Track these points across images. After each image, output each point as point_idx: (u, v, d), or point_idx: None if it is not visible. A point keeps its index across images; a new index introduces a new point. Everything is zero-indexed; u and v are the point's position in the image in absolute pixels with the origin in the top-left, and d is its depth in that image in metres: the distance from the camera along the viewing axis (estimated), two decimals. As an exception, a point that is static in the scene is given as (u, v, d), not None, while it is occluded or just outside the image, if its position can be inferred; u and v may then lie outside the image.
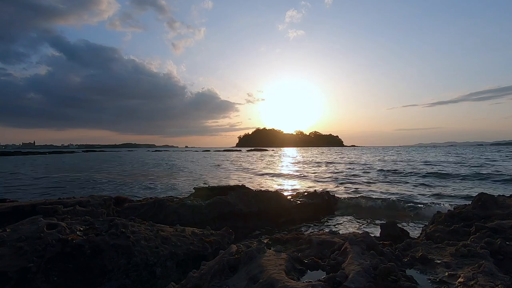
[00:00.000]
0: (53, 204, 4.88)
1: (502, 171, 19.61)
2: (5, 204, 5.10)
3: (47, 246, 2.96)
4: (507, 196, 4.70)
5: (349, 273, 2.08)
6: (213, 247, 3.85)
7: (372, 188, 14.11)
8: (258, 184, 16.47)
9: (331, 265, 2.44)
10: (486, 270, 2.11)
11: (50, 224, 3.34)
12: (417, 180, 16.85)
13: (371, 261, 2.31)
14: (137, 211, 6.34)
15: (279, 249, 2.74)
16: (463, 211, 4.26)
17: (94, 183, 16.58)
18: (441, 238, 3.65)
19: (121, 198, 7.00)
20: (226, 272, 2.35)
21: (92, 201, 5.60)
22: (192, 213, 6.59)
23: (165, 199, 6.98)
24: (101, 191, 13.47)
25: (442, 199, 10.87)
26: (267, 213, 7.62)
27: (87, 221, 3.75)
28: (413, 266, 2.48)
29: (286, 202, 8.27)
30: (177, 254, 3.51)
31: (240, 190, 7.77)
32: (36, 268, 2.76)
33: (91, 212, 4.81)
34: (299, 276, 2.32)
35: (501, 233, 3.13)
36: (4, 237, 2.99)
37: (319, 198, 9.03)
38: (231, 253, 2.61)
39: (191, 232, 4.03)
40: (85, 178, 19.43)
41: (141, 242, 3.38)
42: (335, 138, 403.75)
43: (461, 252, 2.57)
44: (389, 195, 11.70)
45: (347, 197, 10.74)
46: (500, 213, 3.92)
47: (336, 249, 2.89)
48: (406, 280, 2.08)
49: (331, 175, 20.32)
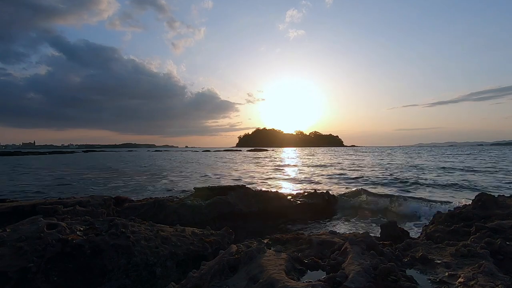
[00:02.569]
0: (53, 204, 4.89)
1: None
2: (5, 204, 5.10)
3: (47, 246, 2.96)
4: (507, 196, 4.70)
5: (349, 273, 2.08)
6: (213, 247, 3.84)
7: (373, 188, 14.10)
8: (257, 184, 16.47)
9: (331, 265, 2.44)
10: (486, 270, 2.11)
11: (50, 224, 3.34)
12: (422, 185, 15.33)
13: (371, 261, 2.31)
14: (137, 211, 6.34)
15: (279, 249, 2.74)
16: (463, 211, 4.26)
17: (94, 183, 16.58)
18: (441, 238, 3.65)
19: (121, 198, 7.01)
20: (226, 272, 2.35)
21: (92, 201, 5.60)
22: (192, 213, 6.59)
23: (165, 199, 6.98)
24: (101, 191, 13.47)
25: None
26: (267, 213, 7.62)
27: (87, 221, 3.75)
28: (413, 266, 2.48)
29: (286, 202, 8.26)
30: (177, 254, 3.51)
31: (240, 190, 7.77)
32: (36, 268, 2.76)
33: (91, 212, 4.81)
34: (299, 276, 2.32)
35: (501, 233, 3.13)
36: (4, 237, 2.99)
37: (319, 198, 9.03)
38: (231, 253, 2.61)
39: (191, 232, 4.03)
40: (85, 178, 19.43)
41: (141, 242, 3.38)
42: (335, 138, 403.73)
43: (461, 252, 2.57)
44: (389, 196, 11.69)
45: (347, 197, 10.73)
46: (500, 213, 3.92)
47: (336, 249, 2.89)
48: (406, 280, 2.07)
49: (331, 176, 20.32)
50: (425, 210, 8.61)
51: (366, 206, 9.71)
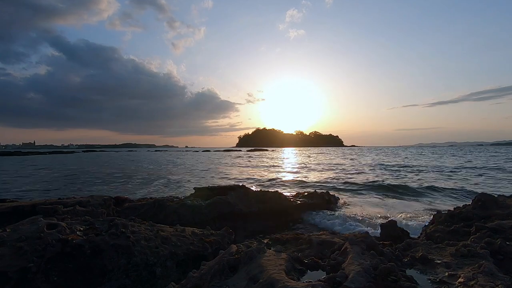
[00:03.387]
0: (53, 204, 4.89)
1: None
2: (5, 204, 5.10)
3: (47, 246, 2.96)
4: (507, 196, 4.70)
5: (349, 273, 2.08)
6: (213, 247, 3.84)
7: (373, 188, 14.09)
8: (257, 184, 16.46)
9: (331, 265, 2.44)
10: (486, 270, 2.11)
11: (50, 224, 3.34)
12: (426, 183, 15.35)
13: (371, 261, 2.31)
14: (137, 211, 6.34)
15: (279, 249, 2.74)
16: (463, 211, 4.26)
17: (94, 183, 16.58)
18: (441, 238, 3.65)
19: (121, 198, 7.00)
20: (226, 272, 2.35)
21: (92, 201, 5.60)
22: (192, 213, 6.59)
23: (165, 199, 6.98)
24: (101, 191, 13.47)
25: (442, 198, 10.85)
26: (267, 213, 7.62)
27: (87, 221, 3.75)
28: (413, 266, 2.48)
29: (286, 202, 8.26)
30: (177, 254, 3.51)
31: (240, 190, 7.77)
32: (36, 268, 2.76)
33: (91, 212, 4.81)
34: (299, 276, 2.32)
35: (501, 233, 3.13)
36: (4, 237, 2.99)
37: (319, 198, 9.03)
38: (231, 253, 2.61)
39: (191, 232, 4.03)
40: (85, 178, 19.43)
41: (141, 242, 3.38)
42: (335, 138, 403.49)
43: (461, 252, 2.57)
44: (389, 196, 11.70)
45: (347, 197, 10.73)
46: (500, 213, 3.92)
47: (336, 249, 2.89)
48: (406, 280, 2.07)
49: (331, 176, 20.31)
50: (426, 210, 8.60)
51: (366, 206, 9.70)
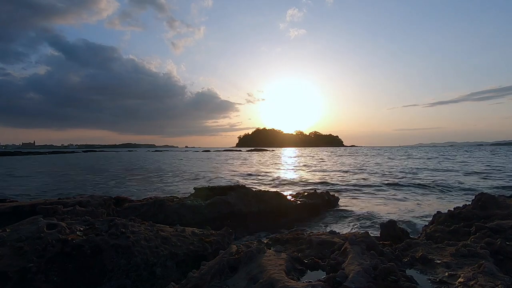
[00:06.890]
0: (53, 204, 4.88)
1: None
2: (5, 204, 5.10)
3: (47, 246, 2.96)
4: (507, 196, 4.70)
5: (349, 273, 2.08)
6: (213, 247, 3.84)
7: (373, 188, 14.09)
8: (257, 184, 16.46)
9: (331, 265, 2.44)
10: (486, 270, 2.11)
11: (50, 224, 3.34)
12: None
13: (371, 261, 2.31)
14: (137, 211, 6.34)
15: (279, 249, 2.74)
16: (463, 211, 4.26)
17: (94, 183, 16.58)
18: (441, 238, 3.66)
19: (121, 198, 7.00)
20: (226, 272, 2.35)
21: (92, 201, 5.60)
22: (192, 213, 6.59)
23: (165, 199, 6.98)
24: (100, 191, 13.47)
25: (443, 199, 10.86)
26: (267, 213, 7.62)
27: (87, 221, 3.75)
28: (413, 266, 2.48)
29: (286, 202, 8.26)
30: (177, 254, 3.51)
31: (240, 190, 7.76)
32: (36, 268, 2.76)
33: (91, 212, 4.81)
34: (299, 276, 2.32)
35: (501, 233, 3.13)
36: (4, 237, 2.99)
37: (319, 198, 9.03)
38: (231, 253, 2.61)
39: (191, 232, 4.03)
40: (85, 178, 19.43)
41: (141, 242, 3.38)
42: (335, 138, 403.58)
43: (461, 252, 2.57)
44: (389, 196, 11.70)
45: (348, 198, 10.73)
46: (500, 213, 3.92)
47: (336, 249, 2.89)
48: (406, 280, 2.07)
49: (331, 176, 20.32)
50: (426, 210, 8.60)
51: (366, 206, 9.70)
